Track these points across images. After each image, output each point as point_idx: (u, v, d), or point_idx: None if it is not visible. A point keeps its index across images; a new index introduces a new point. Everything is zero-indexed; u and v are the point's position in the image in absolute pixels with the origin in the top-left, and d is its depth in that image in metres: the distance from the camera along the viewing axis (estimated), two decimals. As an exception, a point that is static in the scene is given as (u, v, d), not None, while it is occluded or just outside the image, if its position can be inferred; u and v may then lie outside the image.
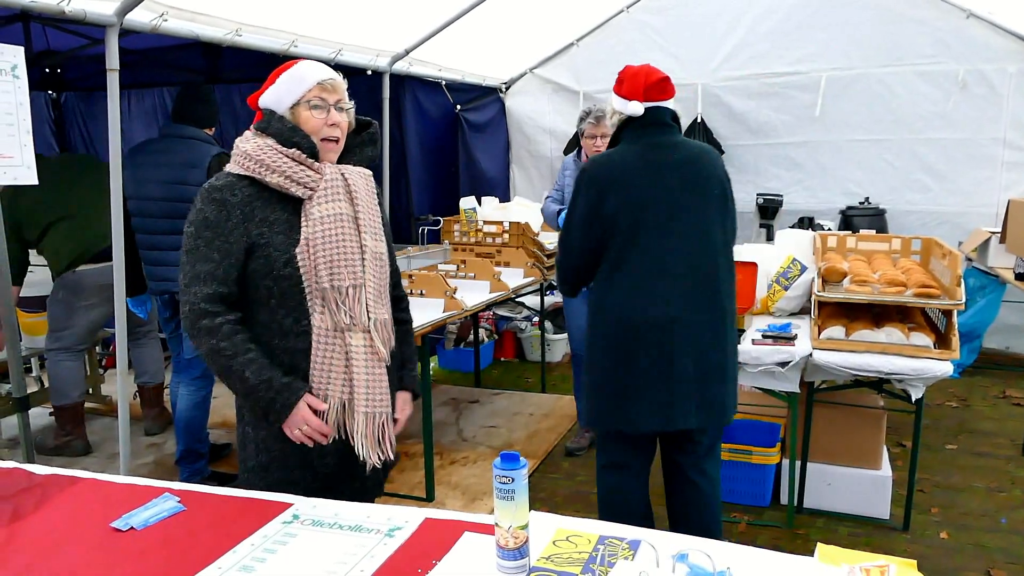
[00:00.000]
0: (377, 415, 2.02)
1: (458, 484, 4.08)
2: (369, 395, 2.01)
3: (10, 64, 2.72)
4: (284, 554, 1.56)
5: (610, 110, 2.73)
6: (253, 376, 1.91)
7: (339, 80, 2.06)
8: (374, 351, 2.03)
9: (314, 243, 1.96)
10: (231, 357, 1.92)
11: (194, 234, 1.98)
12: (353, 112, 2.12)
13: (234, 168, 2.01)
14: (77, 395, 4.48)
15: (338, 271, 1.97)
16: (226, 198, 1.96)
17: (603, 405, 2.66)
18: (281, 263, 1.95)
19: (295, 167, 1.97)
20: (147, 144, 3.89)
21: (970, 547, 3.34)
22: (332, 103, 2.02)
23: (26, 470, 2.01)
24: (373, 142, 2.19)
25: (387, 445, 2.06)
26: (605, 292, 2.62)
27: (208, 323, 1.93)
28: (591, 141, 4.08)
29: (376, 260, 2.06)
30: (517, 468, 1.42)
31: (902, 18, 5.73)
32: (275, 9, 4.11)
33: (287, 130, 1.99)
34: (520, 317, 6.43)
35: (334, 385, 1.99)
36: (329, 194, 2.00)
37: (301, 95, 2.00)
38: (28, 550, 1.61)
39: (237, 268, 1.96)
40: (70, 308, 4.31)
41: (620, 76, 2.68)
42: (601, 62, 6.64)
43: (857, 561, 1.31)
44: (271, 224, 1.97)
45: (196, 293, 1.94)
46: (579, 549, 1.51)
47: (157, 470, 4.24)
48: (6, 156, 2.71)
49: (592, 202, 2.58)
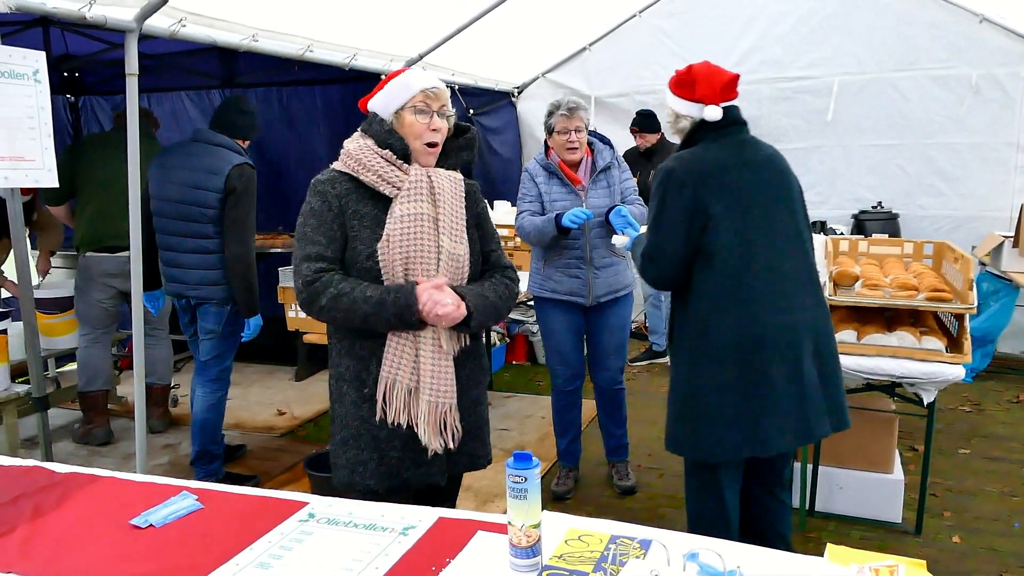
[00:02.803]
0: (440, 404, 2.14)
1: (470, 486, 4.09)
2: (434, 385, 2.13)
3: (32, 69, 2.77)
4: (300, 551, 1.58)
5: (672, 114, 2.59)
6: (375, 293, 2.06)
7: (443, 88, 2.20)
8: (440, 345, 2.14)
9: (393, 239, 2.10)
10: (350, 292, 2.06)
11: (302, 222, 2.17)
12: (453, 120, 2.26)
13: (338, 165, 2.20)
14: (100, 384, 4.60)
15: (413, 268, 2.12)
16: (327, 190, 2.15)
17: (731, 433, 2.41)
18: (364, 256, 2.12)
19: (386, 167, 2.14)
20: (177, 146, 3.95)
21: (982, 551, 3.33)
22: (435, 109, 2.17)
23: (47, 468, 2.05)
24: (470, 147, 2.32)
25: (449, 434, 2.17)
26: (712, 307, 2.42)
27: (321, 283, 2.08)
28: (563, 137, 3.59)
29: (452, 261, 2.16)
30: (530, 467, 1.44)
31: (915, 23, 5.73)
32: (291, 14, 4.15)
33: (384, 132, 2.16)
34: (532, 320, 6.44)
35: (403, 373, 2.13)
36: (412, 194, 2.14)
37: (407, 100, 2.16)
38: (49, 546, 1.64)
39: (340, 252, 2.14)
40: (81, 291, 4.56)
41: (686, 78, 2.53)
42: (613, 67, 6.67)
43: (866, 561, 1.32)
44: (361, 218, 2.14)
45: (307, 269, 2.10)
46: (591, 548, 1.53)
47: (172, 471, 4.28)
48: (28, 159, 2.76)
49: (688, 204, 2.40)
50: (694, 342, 2.47)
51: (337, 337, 2.25)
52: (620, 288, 3.77)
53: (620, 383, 3.93)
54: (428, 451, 2.16)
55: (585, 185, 3.66)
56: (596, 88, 6.74)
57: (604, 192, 3.68)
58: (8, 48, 2.72)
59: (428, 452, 2.16)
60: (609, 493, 4.01)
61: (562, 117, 3.59)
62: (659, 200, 2.48)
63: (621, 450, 4.06)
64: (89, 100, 6.85)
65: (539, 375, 6.11)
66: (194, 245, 3.75)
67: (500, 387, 5.87)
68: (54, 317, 4.68)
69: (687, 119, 2.56)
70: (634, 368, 6.10)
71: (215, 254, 3.73)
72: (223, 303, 3.78)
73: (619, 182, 3.75)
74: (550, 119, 3.65)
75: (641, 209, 3.76)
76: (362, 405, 2.18)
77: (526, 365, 6.52)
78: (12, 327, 3.89)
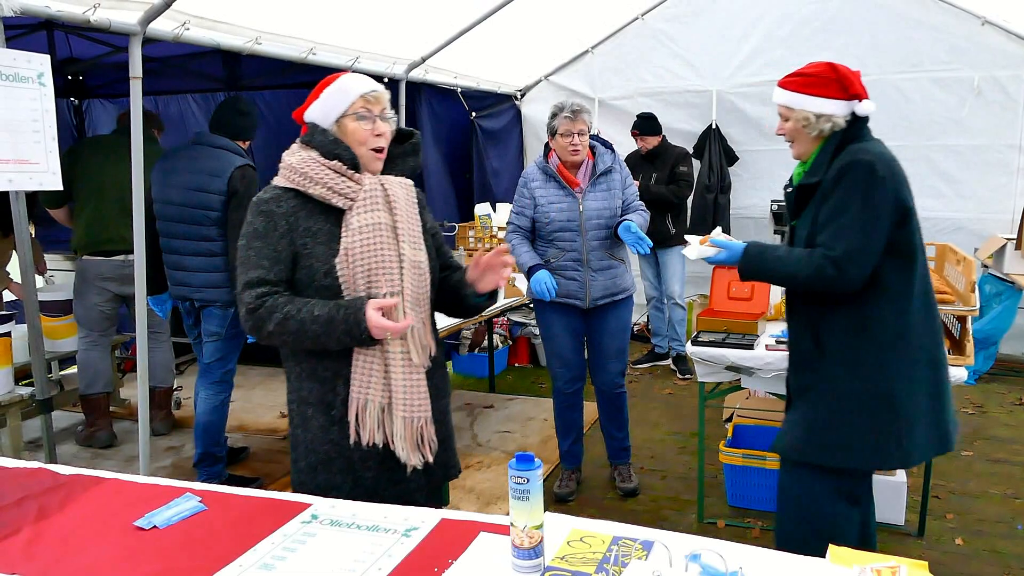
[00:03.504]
0: (415, 419, 2.07)
1: (472, 488, 4.10)
2: (407, 400, 2.06)
3: (36, 72, 2.78)
4: (303, 552, 1.59)
5: (811, 116, 2.40)
6: (322, 311, 1.97)
7: (382, 91, 2.12)
8: (411, 358, 2.08)
9: (352, 253, 2.02)
10: (296, 315, 1.97)
11: (245, 245, 2.06)
12: (395, 122, 2.17)
13: (280, 181, 2.08)
14: (100, 386, 4.62)
15: (376, 280, 2.03)
16: (272, 209, 2.04)
17: (926, 434, 2.35)
18: (321, 273, 2.02)
19: (336, 178, 2.04)
20: (178, 149, 3.96)
21: (985, 553, 3.33)
22: (377, 113, 2.08)
23: (51, 470, 2.05)
24: (416, 152, 2.24)
25: (427, 448, 2.11)
26: (911, 308, 2.33)
27: (265, 309, 1.99)
28: (567, 139, 3.60)
29: (414, 269, 2.10)
30: (532, 469, 1.44)
31: (917, 25, 5.74)
32: (294, 18, 4.17)
33: (329, 142, 2.05)
34: (534, 323, 6.45)
35: (374, 390, 2.05)
36: (368, 204, 2.05)
37: (347, 107, 2.06)
38: (54, 548, 1.64)
39: (287, 273, 2.05)
40: (78, 294, 4.58)
41: (831, 76, 2.40)
42: (616, 69, 6.68)
43: (868, 562, 1.33)
44: (314, 235, 2.03)
45: (248, 296, 2.01)
46: (593, 549, 1.53)
47: (175, 473, 4.28)
48: (32, 162, 2.77)
49: (891, 199, 2.27)
50: (887, 344, 2.33)
51: (295, 360, 2.13)
52: (618, 292, 3.77)
53: (621, 386, 3.94)
54: (406, 468, 2.09)
55: (583, 188, 3.67)
56: (599, 91, 6.75)
57: (603, 195, 3.68)
58: (13, 51, 2.74)
59: (407, 469, 2.09)
60: (611, 495, 4.01)
61: (566, 120, 3.59)
62: (862, 196, 2.27)
63: (623, 452, 4.06)
64: (93, 103, 6.86)
65: (541, 377, 6.11)
66: (197, 248, 3.76)
67: (503, 389, 5.88)
68: (57, 320, 4.69)
69: (838, 118, 2.39)
70: (636, 371, 6.11)
71: (219, 256, 3.75)
72: (227, 305, 3.79)
73: (620, 187, 3.74)
74: (553, 121, 3.66)
75: (644, 216, 3.76)
76: (331, 428, 2.08)
77: (528, 367, 6.53)
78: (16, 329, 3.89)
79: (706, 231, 2.77)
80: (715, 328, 3.49)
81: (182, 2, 3.24)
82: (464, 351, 6.38)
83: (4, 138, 2.68)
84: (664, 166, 5.73)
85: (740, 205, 6.39)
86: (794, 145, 2.48)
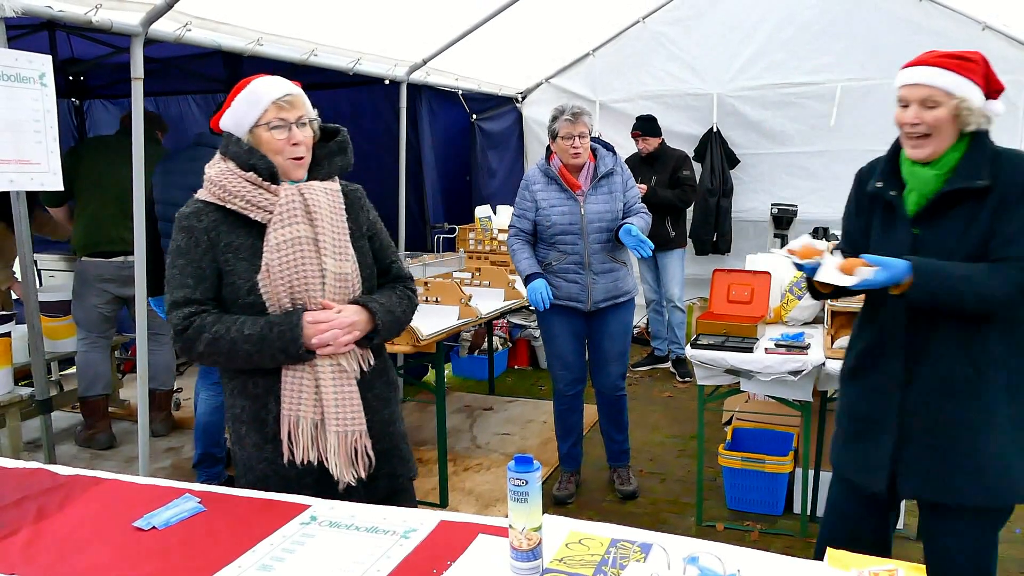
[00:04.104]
0: (349, 434, 1.99)
1: (472, 490, 4.10)
2: (339, 414, 1.98)
3: (38, 72, 2.79)
4: (302, 554, 1.59)
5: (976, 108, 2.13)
6: (253, 329, 1.91)
7: (297, 94, 2.00)
8: (342, 369, 2.00)
9: (273, 269, 1.94)
10: (226, 334, 1.91)
11: (170, 263, 2.00)
12: (317, 124, 2.05)
13: (203, 194, 2.01)
14: (100, 388, 4.63)
15: (298, 296, 1.96)
16: (193, 224, 1.97)
17: None
18: (245, 291, 1.95)
19: (254, 191, 1.94)
20: (180, 151, 3.97)
21: (984, 559, 3.32)
22: (293, 121, 1.96)
23: (50, 471, 2.05)
24: (343, 151, 2.09)
25: (360, 464, 2.02)
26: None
27: (193, 330, 1.93)
28: (567, 142, 3.59)
29: (339, 282, 2.00)
30: (531, 471, 1.45)
31: (918, 29, 5.73)
32: (295, 19, 4.17)
33: (244, 153, 1.96)
34: (534, 325, 6.45)
35: (305, 407, 1.97)
36: (286, 217, 1.95)
37: (258, 116, 1.96)
38: (52, 549, 1.64)
39: (214, 291, 1.98)
40: (77, 296, 4.58)
41: (988, 68, 2.17)
42: (617, 72, 6.68)
43: (866, 565, 1.33)
44: (236, 250, 1.96)
45: (176, 317, 1.95)
46: (591, 552, 1.53)
47: (175, 474, 4.28)
48: (33, 162, 2.77)
49: None
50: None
51: (228, 376, 2.07)
52: (620, 294, 3.78)
53: (622, 389, 3.94)
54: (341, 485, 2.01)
55: (584, 191, 3.67)
56: (600, 93, 6.75)
57: (604, 199, 3.68)
58: (14, 52, 2.74)
59: (340, 486, 2.01)
60: (611, 498, 4.01)
61: (566, 122, 3.58)
62: None
63: (623, 455, 4.06)
64: (94, 104, 6.87)
65: (541, 380, 6.12)
66: None
67: (502, 392, 5.88)
68: (57, 320, 4.70)
69: (994, 115, 2.18)
70: (636, 373, 6.11)
71: None
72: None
73: (622, 190, 3.74)
74: (554, 124, 3.66)
75: (646, 219, 3.76)
76: (264, 446, 2.01)
77: (528, 370, 6.53)
78: (16, 330, 3.90)
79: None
80: (715, 331, 3.48)
81: (184, 3, 3.24)
82: (463, 353, 6.38)
83: (6, 138, 2.69)
84: (664, 169, 5.73)
85: (741, 208, 6.38)
86: (927, 141, 2.08)
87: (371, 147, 5.65)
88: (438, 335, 3.72)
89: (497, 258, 5.23)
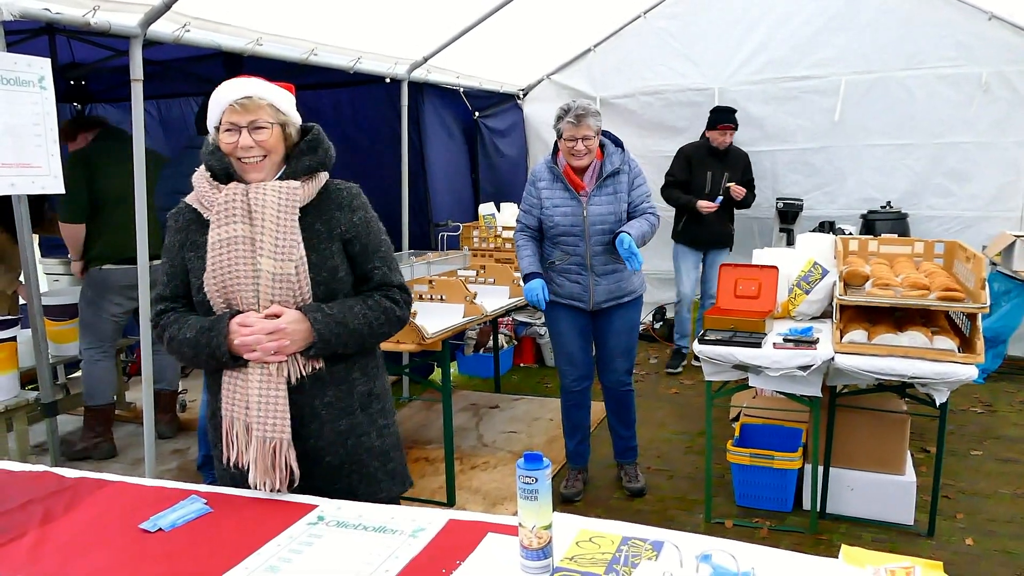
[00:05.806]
0: (268, 440, 1.90)
1: (479, 489, 4.09)
2: (261, 418, 1.91)
3: (37, 76, 2.78)
4: (310, 555, 1.57)
5: None
6: (189, 333, 1.94)
7: (254, 99, 1.95)
8: (269, 373, 1.92)
9: (209, 268, 1.94)
10: (176, 335, 1.96)
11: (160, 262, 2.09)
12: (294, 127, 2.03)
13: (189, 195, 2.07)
14: (110, 396, 4.61)
15: (232, 297, 1.94)
16: (172, 224, 2.06)
17: None
18: (196, 289, 1.99)
19: (208, 190, 1.99)
20: (183, 154, 3.95)
21: (996, 553, 3.30)
22: (244, 125, 1.93)
23: (56, 473, 2.04)
24: (312, 150, 2.03)
25: (277, 473, 1.91)
26: None
27: (160, 326, 2.02)
28: (570, 144, 3.53)
29: (278, 282, 1.91)
30: (540, 468, 1.43)
31: (923, 21, 5.70)
32: (295, 18, 4.16)
33: (207, 154, 2.02)
34: (539, 323, 6.44)
35: (238, 408, 1.94)
36: (224, 217, 1.94)
37: (218, 118, 1.99)
38: (59, 551, 1.63)
39: (183, 288, 2.03)
40: (96, 306, 4.49)
41: None
42: (618, 68, 6.66)
43: (882, 562, 1.31)
44: (197, 248, 1.99)
45: (152, 313, 2.05)
46: (602, 550, 1.51)
47: (180, 476, 4.28)
48: (34, 166, 2.76)
49: None
50: None
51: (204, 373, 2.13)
52: (623, 295, 3.75)
53: (628, 385, 3.92)
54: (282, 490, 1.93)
55: (588, 191, 3.63)
56: (601, 89, 6.73)
57: (609, 199, 3.63)
58: (13, 55, 2.73)
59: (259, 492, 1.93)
60: (618, 495, 3.99)
61: (569, 124, 3.50)
62: None
63: (630, 452, 4.05)
64: (95, 108, 6.86)
65: (547, 377, 6.10)
66: None
67: (508, 389, 5.86)
68: (62, 324, 4.68)
69: None
70: (643, 370, 6.08)
71: None
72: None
73: (628, 189, 3.66)
74: (558, 124, 3.57)
75: (651, 221, 3.67)
76: (218, 445, 2.02)
77: (534, 367, 6.51)
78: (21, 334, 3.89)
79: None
80: (722, 327, 3.47)
81: (182, 3, 3.23)
82: (469, 351, 6.37)
83: (6, 142, 2.68)
84: (736, 167, 5.72)
85: (744, 204, 6.36)
86: None
87: (373, 146, 5.64)
88: (443, 333, 3.71)
89: (502, 255, 5.21)
